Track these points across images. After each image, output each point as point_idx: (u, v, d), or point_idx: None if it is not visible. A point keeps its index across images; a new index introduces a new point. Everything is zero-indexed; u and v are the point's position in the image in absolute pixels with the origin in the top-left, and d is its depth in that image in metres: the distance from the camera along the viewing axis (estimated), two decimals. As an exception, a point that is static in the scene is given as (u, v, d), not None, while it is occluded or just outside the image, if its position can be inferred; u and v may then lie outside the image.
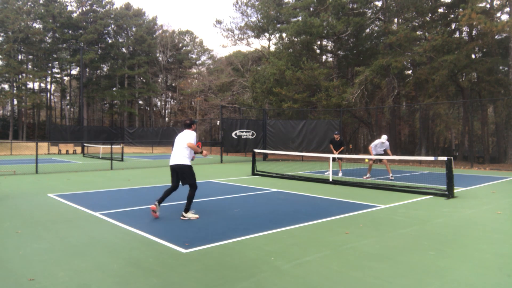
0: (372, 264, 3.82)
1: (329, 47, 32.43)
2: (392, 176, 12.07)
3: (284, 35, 28.68)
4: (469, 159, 19.53)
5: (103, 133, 36.46)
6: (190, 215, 5.90)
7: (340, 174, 13.01)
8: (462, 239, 4.83)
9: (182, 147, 5.91)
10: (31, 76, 45.03)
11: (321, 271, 3.62)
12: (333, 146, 13.53)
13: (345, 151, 14.18)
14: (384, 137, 12.24)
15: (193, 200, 6.17)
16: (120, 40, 51.76)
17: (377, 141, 12.38)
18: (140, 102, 58.18)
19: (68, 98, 55.67)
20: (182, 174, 5.92)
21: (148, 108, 59.22)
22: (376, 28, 28.69)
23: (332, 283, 3.33)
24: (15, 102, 47.98)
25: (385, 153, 12.30)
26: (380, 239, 4.76)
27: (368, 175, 12.42)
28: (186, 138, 5.92)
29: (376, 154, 12.24)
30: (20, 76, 45.19)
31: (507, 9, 21.13)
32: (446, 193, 8.07)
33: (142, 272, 3.58)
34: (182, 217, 5.87)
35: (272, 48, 36.66)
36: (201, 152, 6.02)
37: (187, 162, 5.90)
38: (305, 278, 3.45)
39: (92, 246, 4.41)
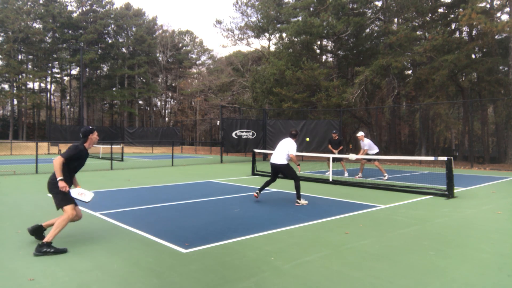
0: (372, 264, 3.82)
1: (329, 47, 32.41)
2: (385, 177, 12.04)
3: (284, 35, 28.67)
4: (469, 159, 19.53)
5: (103, 133, 36.47)
6: (303, 201, 7.17)
7: (346, 174, 12.91)
8: (462, 239, 4.83)
9: (284, 151, 7.36)
10: (31, 76, 45.00)
11: (321, 271, 3.62)
12: (331, 145, 13.51)
13: (345, 151, 14.15)
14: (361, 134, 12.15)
15: (194, 200, 6.22)
16: (120, 40, 51.74)
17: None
18: (140, 102, 58.15)
19: (68, 98, 55.66)
20: (282, 171, 7.42)
21: (148, 108, 59.21)
22: (376, 28, 28.68)
23: (332, 283, 3.33)
24: (15, 102, 47.98)
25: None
26: (380, 239, 4.76)
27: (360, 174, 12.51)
28: (290, 148, 7.32)
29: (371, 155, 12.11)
30: (20, 76, 45.17)
31: (507, 9, 21.12)
32: (446, 193, 8.07)
33: (142, 272, 3.58)
34: (296, 203, 7.17)
35: (272, 48, 36.66)
36: (298, 165, 7.36)
37: (284, 162, 7.36)
38: (305, 278, 3.45)
39: (92, 246, 4.41)
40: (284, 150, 7.40)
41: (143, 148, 35.96)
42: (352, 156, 10.99)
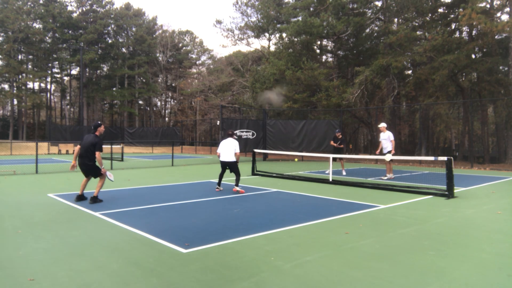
0: (372, 264, 3.82)
1: (329, 47, 32.42)
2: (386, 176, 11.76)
3: (284, 35, 28.66)
4: (469, 159, 19.52)
5: (103, 133, 36.38)
6: (238, 188, 8.69)
7: (344, 173, 13.03)
8: (462, 239, 4.83)
9: (232, 150, 8.84)
10: (31, 76, 45.01)
11: (321, 271, 3.62)
12: (334, 142, 13.83)
13: (345, 151, 14.19)
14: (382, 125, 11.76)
15: (194, 200, 6.32)
16: (120, 40, 51.73)
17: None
18: (140, 102, 58.14)
19: (68, 98, 55.66)
20: (231, 167, 8.89)
21: (148, 108, 59.20)
22: (376, 28, 28.68)
23: (332, 283, 3.33)
24: (15, 102, 47.96)
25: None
26: (380, 239, 4.76)
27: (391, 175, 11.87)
28: (235, 147, 8.87)
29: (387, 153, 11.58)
30: (20, 76, 45.16)
31: (507, 9, 21.11)
32: (446, 193, 8.07)
33: (142, 272, 3.58)
34: (233, 189, 8.77)
35: (272, 48, 36.67)
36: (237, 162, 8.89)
37: (233, 159, 8.84)
38: (305, 278, 3.45)
39: (92, 246, 4.41)
40: (232, 149, 8.87)
41: (143, 148, 35.96)
42: (388, 157, 10.84)
